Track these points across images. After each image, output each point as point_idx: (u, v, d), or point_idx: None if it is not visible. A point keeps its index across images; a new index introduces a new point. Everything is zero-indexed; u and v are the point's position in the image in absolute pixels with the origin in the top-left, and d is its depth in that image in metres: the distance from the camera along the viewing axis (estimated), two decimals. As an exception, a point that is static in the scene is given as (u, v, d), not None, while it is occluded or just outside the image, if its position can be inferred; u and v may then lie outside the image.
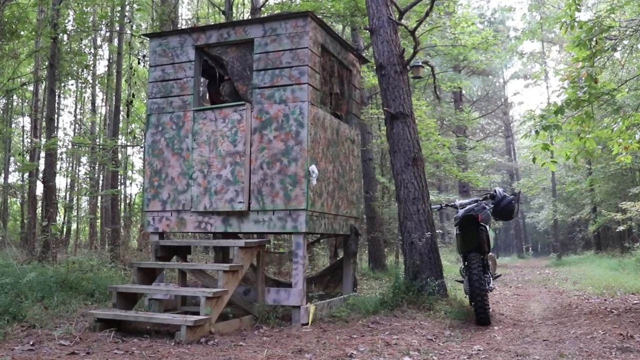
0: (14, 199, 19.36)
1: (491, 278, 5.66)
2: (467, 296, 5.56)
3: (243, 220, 5.56)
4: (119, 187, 16.91)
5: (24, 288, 5.77)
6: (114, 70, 14.90)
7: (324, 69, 6.13)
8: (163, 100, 6.07)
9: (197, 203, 5.68)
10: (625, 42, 7.00)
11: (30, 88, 16.65)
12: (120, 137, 16.17)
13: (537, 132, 6.29)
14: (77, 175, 19.34)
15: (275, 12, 11.54)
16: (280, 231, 5.54)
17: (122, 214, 16.64)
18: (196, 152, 5.74)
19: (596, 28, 6.03)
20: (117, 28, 13.91)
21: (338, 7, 11.16)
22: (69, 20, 12.41)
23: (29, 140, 15.96)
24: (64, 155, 18.61)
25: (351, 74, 6.91)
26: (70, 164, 20.56)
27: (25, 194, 15.70)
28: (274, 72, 5.61)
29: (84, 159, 20.01)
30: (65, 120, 31.56)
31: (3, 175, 17.87)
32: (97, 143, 15.82)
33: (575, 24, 6.32)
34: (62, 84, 16.58)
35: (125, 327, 4.78)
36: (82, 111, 21.01)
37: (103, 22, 13.53)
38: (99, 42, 18.49)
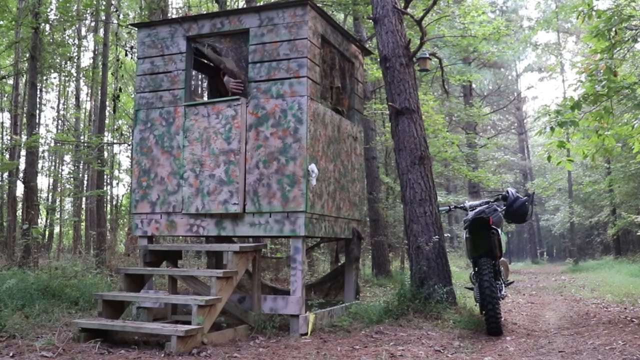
0: (-7, 201, 19.35)
1: (503, 285, 5.67)
2: (478, 304, 5.56)
3: (238, 223, 5.56)
4: (104, 188, 16.89)
5: (3, 296, 5.77)
6: (100, 63, 14.90)
7: (324, 62, 6.14)
8: (152, 94, 6.08)
9: (188, 205, 5.69)
10: (647, 32, 7.00)
11: (10, 82, 16.65)
12: (106, 134, 16.19)
13: (552, 129, 6.29)
14: (60, 175, 19.33)
15: (272, 0, 11.55)
16: (278, 235, 5.54)
17: (109, 216, 16.64)
18: (187, 150, 5.75)
19: (615, 17, 6.03)
20: (103, 17, 13.91)
21: (339, -5, 11.16)
22: (52, 9, 12.43)
23: (9, 138, 15.98)
24: (46, 154, 18.63)
25: (353, 67, 6.91)
26: (53, 163, 20.57)
27: (5, 195, 15.70)
28: (271, 65, 5.61)
29: (67, 158, 20.02)
30: (47, 116, 31.64)
31: (-19, 175, 17.87)
32: (82, 140, 15.82)
33: (593, 13, 6.32)
34: (44, 77, 16.57)
35: (112, 337, 4.79)
36: (65, 106, 21.02)
37: (88, 11, 13.53)
38: (83, 33, 18.50)
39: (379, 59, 7.35)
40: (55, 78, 18.66)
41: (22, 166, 13.56)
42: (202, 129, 5.69)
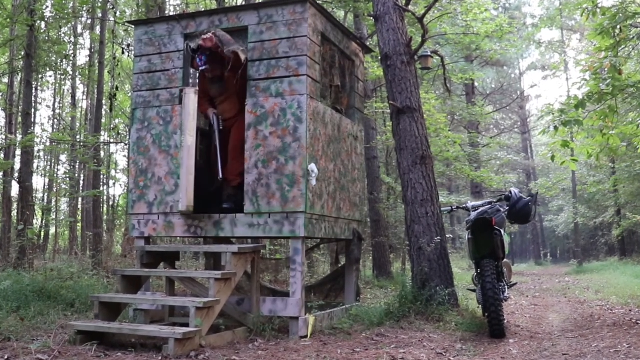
0: (-13, 201, 19.33)
1: (506, 287, 5.67)
2: (480, 306, 5.56)
3: (236, 223, 5.56)
4: (101, 188, 16.91)
5: (-2, 297, 5.77)
6: (96, 61, 14.90)
7: (324, 60, 6.14)
8: (149, 93, 6.07)
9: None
10: (652, 30, 7.00)
11: (5, 80, 16.65)
12: (102, 133, 16.19)
13: (556, 128, 6.30)
14: (56, 175, 19.31)
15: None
16: (277, 236, 5.54)
17: (105, 217, 16.64)
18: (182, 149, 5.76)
19: (620, 15, 6.03)
20: (100, 15, 13.91)
21: (340, -8, 11.17)
22: (47, 7, 12.41)
23: (4, 137, 15.98)
24: (41, 153, 18.61)
25: (354, 65, 6.91)
26: (49, 163, 20.57)
27: (0, 195, 15.70)
28: (270, 63, 5.61)
29: (63, 157, 20.01)
30: (43, 115, 31.60)
31: (-25, 174, 17.87)
32: (78, 140, 15.82)
33: (598, 10, 6.33)
34: (40, 76, 16.58)
35: (108, 340, 4.78)
36: (61, 105, 21.01)
37: (84, 9, 13.52)
38: (79, 30, 18.51)
39: (379, 57, 7.35)
40: (50, 76, 18.66)
41: (17, 166, 13.56)
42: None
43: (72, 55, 17.33)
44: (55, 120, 20.18)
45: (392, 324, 5.66)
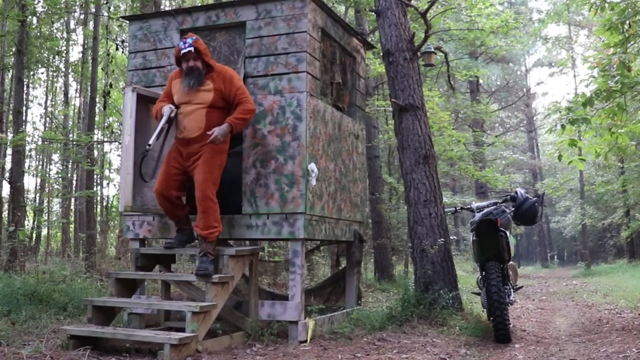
0: (-23, 202, 19.32)
1: (512, 290, 5.67)
2: (485, 310, 5.57)
3: (234, 225, 5.56)
4: (94, 188, 16.90)
5: (-12, 301, 5.77)
6: (89, 57, 14.89)
7: (324, 56, 6.13)
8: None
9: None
10: (662, 25, 7.00)
11: (-4, 77, 16.63)
12: (96, 132, 16.17)
13: (563, 127, 6.30)
14: (47, 175, 19.31)
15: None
16: (276, 237, 5.54)
17: (99, 218, 16.64)
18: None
19: (629, 10, 6.03)
20: (93, 10, 13.90)
21: (340, -13, 11.18)
22: (39, 1, 12.41)
23: (-6, 136, 15.98)
24: (33, 152, 18.60)
25: (355, 61, 6.91)
26: (40, 162, 20.55)
27: (-10, 196, 15.69)
28: (269, 59, 5.61)
29: (55, 157, 20.00)
30: (34, 113, 31.62)
31: (-35, 174, 17.85)
32: (71, 138, 15.81)
33: (606, 5, 6.33)
34: (31, 73, 16.59)
35: (102, 344, 4.78)
36: (53, 103, 21.01)
37: (77, 4, 13.53)
38: (72, 26, 18.50)
39: (381, 53, 7.35)
40: (42, 73, 18.66)
41: (7, 165, 13.56)
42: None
43: (65, 51, 17.33)
44: (47, 119, 20.18)
45: (394, 328, 5.66)
